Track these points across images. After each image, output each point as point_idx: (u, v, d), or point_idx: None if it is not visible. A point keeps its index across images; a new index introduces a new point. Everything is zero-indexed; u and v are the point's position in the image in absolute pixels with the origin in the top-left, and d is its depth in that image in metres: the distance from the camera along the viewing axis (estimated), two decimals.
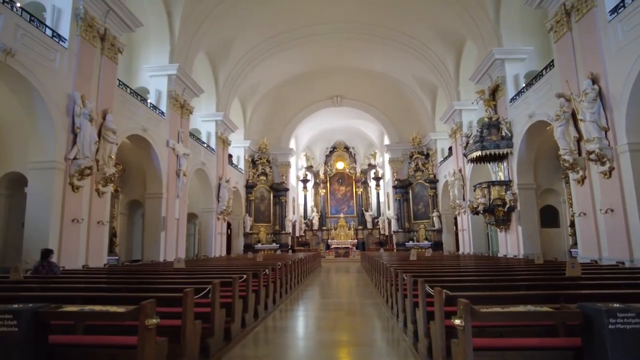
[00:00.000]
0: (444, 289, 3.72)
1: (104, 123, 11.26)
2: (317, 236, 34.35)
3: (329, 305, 8.96)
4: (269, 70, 24.53)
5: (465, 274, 6.36)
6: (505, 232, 15.35)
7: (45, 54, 9.51)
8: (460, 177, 20.43)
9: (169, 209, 15.47)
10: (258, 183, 28.04)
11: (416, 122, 27.61)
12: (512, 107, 14.75)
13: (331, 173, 36.32)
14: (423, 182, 27.26)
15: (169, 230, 15.37)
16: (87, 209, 10.72)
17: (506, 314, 2.62)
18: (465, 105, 20.62)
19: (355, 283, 13.68)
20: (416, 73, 24.37)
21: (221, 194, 20.84)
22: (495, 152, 14.79)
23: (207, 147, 20.45)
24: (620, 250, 8.97)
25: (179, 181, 16.25)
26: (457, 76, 20.89)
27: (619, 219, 8.99)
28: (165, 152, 15.64)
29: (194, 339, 3.89)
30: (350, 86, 27.90)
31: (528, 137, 13.81)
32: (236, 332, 5.33)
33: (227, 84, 21.87)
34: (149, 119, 14.43)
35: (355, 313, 7.89)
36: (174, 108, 16.38)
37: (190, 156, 17.64)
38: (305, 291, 11.19)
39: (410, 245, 26.83)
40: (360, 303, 9.12)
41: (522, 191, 14.37)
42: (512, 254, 14.67)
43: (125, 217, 16.11)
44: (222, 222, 21.37)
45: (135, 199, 15.95)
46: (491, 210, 14.90)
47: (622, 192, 8.92)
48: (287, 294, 9.60)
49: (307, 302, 9.21)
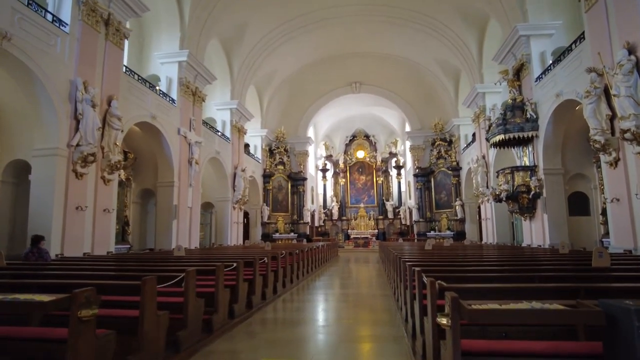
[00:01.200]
0: (441, 280, 3.17)
1: (109, 109, 11.07)
2: (336, 226, 33.88)
3: (335, 296, 8.49)
4: (284, 57, 24.02)
5: (475, 263, 5.73)
6: (530, 221, 14.44)
7: (45, 38, 9.31)
8: (484, 163, 19.46)
9: (181, 197, 15.32)
10: (276, 172, 27.74)
11: (438, 107, 26.57)
12: (537, 87, 13.73)
13: (351, 162, 35.62)
14: (445, 170, 26.27)
15: (181, 218, 15.24)
16: (93, 196, 10.59)
17: (501, 312, 2.06)
18: (488, 87, 19.56)
19: (369, 274, 13.16)
20: (438, 56, 23.32)
21: (237, 183, 20.61)
22: (519, 136, 13.85)
23: (222, 136, 20.22)
24: None
25: (191, 169, 16.07)
26: (480, 58, 19.80)
27: None
28: (177, 140, 15.45)
29: (156, 331, 3.49)
30: (369, 72, 27.06)
31: (555, 118, 12.81)
32: (220, 323, 4.94)
33: (241, 72, 21.51)
34: (158, 106, 14.22)
35: (361, 305, 7.40)
36: (185, 95, 16.14)
37: (203, 145, 17.43)
38: (314, 281, 10.77)
39: (431, 235, 26.00)
40: (369, 294, 8.62)
41: (548, 177, 13.42)
42: (537, 244, 13.79)
43: (138, 205, 16.08)
44: (238, 212, 21.19)
45: (147, 188, 15.88)
46: (515, 198, 14.01)
47: None
48: (292, 284, 9.19)
49: (312, 293, 8.77)
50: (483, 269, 4.59)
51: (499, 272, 4.41)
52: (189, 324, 4.06)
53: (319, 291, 9.02)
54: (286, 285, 8.58)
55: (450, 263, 5.81)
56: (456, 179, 25.53)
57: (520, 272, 4.29)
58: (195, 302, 4.24)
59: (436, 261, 5.92)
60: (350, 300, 7.83)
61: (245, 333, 5.12)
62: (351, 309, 7.05)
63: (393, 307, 6.83)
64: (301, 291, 8.95)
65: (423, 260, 6.04)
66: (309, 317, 6.30)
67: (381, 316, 6.31)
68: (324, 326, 5.60)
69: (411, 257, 6.97)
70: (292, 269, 9.38)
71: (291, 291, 8.73)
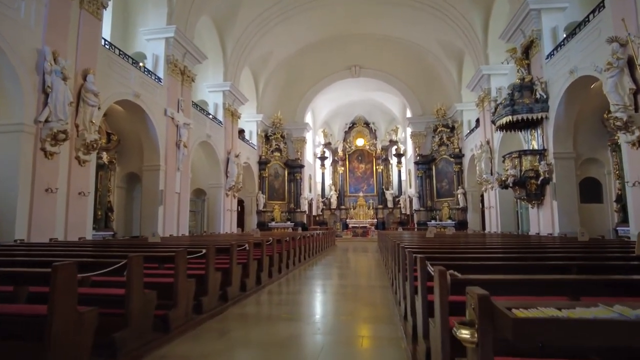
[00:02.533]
0: (452, 270, 2.32)
1: (84, 84, 10.16)
2: (335, 215, 33.10)
3: (327, 287, 7.68)
4: (281, 38, 22.98)
5: (488, 251, 4.88)
6: (538, 208, 13.60)
7: (6, 1, 8.38)
8: (488, 149, 18.57)
9: (167, 182, 14.47)
10: (272, 159, 26.83)
11: (441, 92, 25.55)
12: (548, 65, 12.79)
13: (350, 150, 34.71)
14: (447, 157, 25.36)
15: (168, 204, 14.41)
16: (66, 178, 9.74)
17: (579, 325, 1.17)
18: (494, 69, 18.60)
19: (367, 263, 12.37)
20: (440, 37, 22.27)
21: (230, 169, 19.75)
22: (528, 117, 12.95)
23: (214, 119, 19.29)
24: None
25: (179, 153, 15.20)
26: (485, 38, 18.78)
27: None
28: (163, 121, 14.56)
29: (73, 331, 2.66)
30: (369, 55, 25.99)
31: (567, 97, 11.89)
32: (181, 319, 4.12)
33: (235, 52, 20.51)
34: (142, 84, 13.30)
35: (354, 298, 6.59)
36: (172, 74, 15.20)
37: (193, 127, 16.54)
38: (306, 270, 9.96)
39: (432, 225, 25.23)
40: (366, 286, 7.81)
41: (558, 161, 12.54)
42: (545, 233, 12.96)
43: (123, 190, 15.24)
44: (231, 199, 20.36)
45: (133, 172, 15.03)
46: (522, 183, 13.16)
47: None
48: (280, 274, 8.38)
49: (302, 284, 7.97)
50: (500, 257, 3.74)
51: (521, 259, 3.56)
52: (133, 323, 3.22)
53: (310, 282, 8.22)
54: (273, 275, 7.76)
55: (458, 251, 4.97)
56: (458, 167, 24.63)
57: (548, 261, 3.45)
58: (144, 295, 3.41)
59: (441, 249, 5.07)
60: (343, 293, 7.01)
61: (212, 331, 4.31)
62: (345, 302, 6.24)
63: (391, 301, 6.02)
64: (291, 281, 8.14)
65: (426, 247, 5.19)
66: (293, 313, 5.49)
67: (378, 312, 5.49)
68: (308, 324, 4.79)
69: (412, 244, 6.14)
70: (281, 257, 8.56)
71: (279, 281, 7.93)
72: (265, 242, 7.45)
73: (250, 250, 6.29)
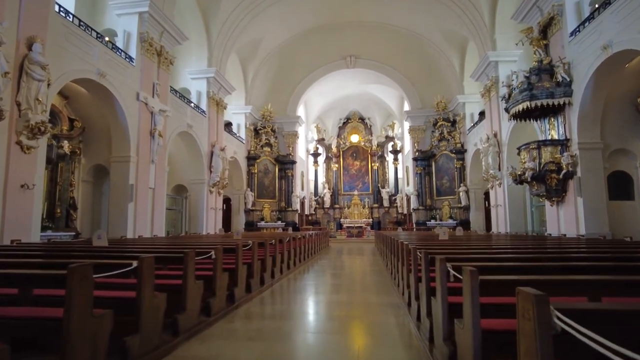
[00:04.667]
0: None
1: (28, 55, 8.42)
2: (328, 215, 31.54)
3: (320, 305, 6.06)
4: (271, 23, 21.33)
5: (514, 252, 3.38)
6: (558, 206, 12.11)
7: None
8: (496, 142, 17.08)
9: (139, 175, 12.75)
10: (261, 155, 25.11)
11: (441, 84, 24.04)
12: (572, 44, 11.28)
13: (344, 146, 33.18)
14: (448, 153, 23.85)
15: (140, 201, 12.69)
16: (3, 167, 8.01)
17: None
18: (502, 55, 17.13)
19: (366, 269, 10.77)
20: (442, 24, 20.78)
21: (214, 164, 18.03)
22: (547, 104, 11.44)
23: (196, 108, 17.56)
24: None
25: (153, 143, 13.48)
26: (492, 21, 17.28)
27: None
28: (135, 106, 12.83)
29: None
30: (365, 44, 24.42)
31: (596, 79, 10.39)
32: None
33: (221, 36, 18.79)
34: (109, 63, 11.56)
35: (358, 322, 4.98)
36: (147, 54, 13.46)
37: (171, 116, 14.84)
38: (296, 280, 8.33)
39: (432, 225, 23.74)
40: (367, 303, 6.19)
41: (583, 152, 11.04)
42: (567, 234, 11.47)
43: (89, 185, 13.47)
44: (216, 196, 18.63)
45: (101, 164, 13.27)
46: (542, 178, 11.64)
47: None
48: (262, 286, 6.72)
49: (290, 301, 6.34)
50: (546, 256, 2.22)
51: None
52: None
53: (298, 299, 6.58)
54: (252, 289, 6.09)
55: (495, 257, 3.46)
56: (460, 163, 23.12)
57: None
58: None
59: (472, 254, 3.63)
60: (344, 319, 5.38)
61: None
62: (344, 338, 4.61)
63: (408, 327, 4.41)
64: (276, 297, 6.50)
65: (448, 251, 3.71)
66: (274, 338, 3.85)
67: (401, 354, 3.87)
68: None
69: (429, 246, 4.58)
70: (265, 265, 6.90)
71: (261, 296, 6.28)
72: (242, 247, 5.79)
73: (219, 258, 4.63)
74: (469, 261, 3.20)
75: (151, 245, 6.84)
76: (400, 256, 6.05)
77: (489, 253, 4.52)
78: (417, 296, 4.24)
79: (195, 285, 4.05)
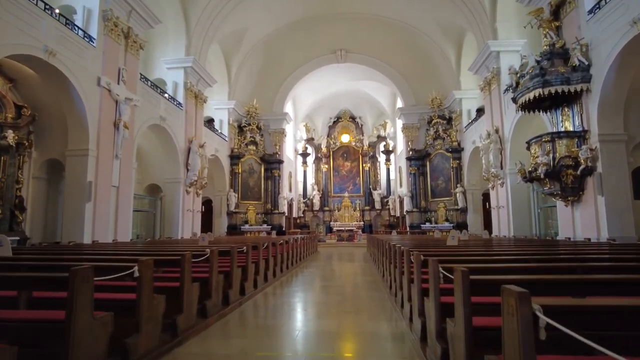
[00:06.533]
0: None
1: None
2: (318, 217, 30.09)
3: (297, 342, 4.57)
4: (256, 12, 19.87)
5: None
6: (573, 207, 10.80)
7: None
8: (497, 138, 15.76)
9: (100, 171, 11.14)
10: (246, 153, 23.51)
11: (436, 79, 22.78)
12: (591, 23, 10.00)
13: (335, 147, 31.83)
14: (444, 152, 22.55)
15: (100, 201, 11.07)
16: None
17: None
18: (504, 45, 15.87)
19: (355, 280, 9.30)
20: (438, 14, 19.53)
21: (191, 161, 16.42)
22: (563, 91, 10.13)
23: (171, 100, 15.96)
24: None
25: (118, 135, 11.88)
26: (493, 8, 16.01)
27: None
28: (96, 93, 11.25)
29: None
30: (357, 37, 23.05)
31: (621, 61, 9.10)
32: None
33: (201, 23, 17.23)
34: (61, 40, 9.96)
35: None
36: (111, 35, 11.89)
37: (141, 106, 13.29)
38: (275, 295, 6.82)
39: (427, 228, 22.40)
40: (363, 334, 4.72)
41: (605, 145, 9.74)
42: (583, 237, 10.17)
43: (42, 182, 11.78)
44: (193, 197, 17.01)
45: (56, 158, 11.60)
46: (556, 174, 10.32)
47: None
48: (225, 306, 5.19)
49: (259, 325, 4.84)
50: None
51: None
52: None
53: (269, 324, 5.08)
54: (208, 313, 4.55)
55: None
56: (457, 162, 21.83)
57: None
58: None
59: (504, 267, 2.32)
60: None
61: None
62: None
63: None
64: (235, 328, 5.00)
65: (473, 265, 2.42)
66: None
67: None
68: None
69: (440, 255, 3.16)
70: (230, 281, 5.37)
71: (226, 319, 4.77)
72: (202, 256, 4.27)
73: (144, 276, 3.11)
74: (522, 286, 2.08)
75: (91, 252, 5.31)
76: (407, 271, 4.59)
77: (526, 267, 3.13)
78: (441, 333, 2.80)
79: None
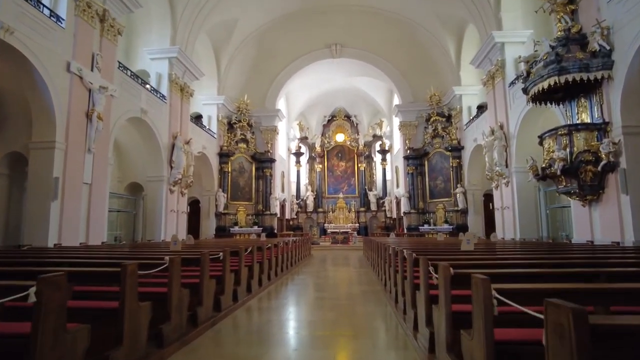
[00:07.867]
0: None
1: None
2: (311, 219, 29.05)
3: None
4: (247, 3, 18.82)
5: None
6: (591, 207, 9.85)
7: None
8: (502, 135, 14.82)
9: (68, 167, 9.98)
10: (236, 151, 22.39)
11: (435, 75, 21.84)
12: (613, 3, 9.07)
13: (329, 146, 30.84)
14: (443, 151, 21.61)
15: (68, 199, 9.91)
16: None
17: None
18: (509, 35, 14.98)
19: (351, 290, 8.25)
20: (437, 6, 18.63)
21: (175, 158, 15.28)
22: (581, 79, 9.18)
23: (154, 91, 14.81)
24: None
25: (91, 128, 10.74)
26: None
27: None
28: (65, 78, 10.10)
29: None
30: (352, 31, 22.07)
31: None
32: None
33: (188, 10, 16.15)
34: (20, 18, 8.82)
35: None
36: (84, 17, 10.76)
37: (120, 97, 12.17)
38: (261, 309, 5.75)
39: (425, 230, 21.44)
40: None
41: (630, 138, 8.79)
42: (601, 240, 9.22)
43: (3, 178, 10.63)
44: (178, 196, 15.87)
45: (18, 152, 10.45)
46: (574, 171, 9.35)
47: None
48: (195, 328, 4.12)
49: (238, 354, 3.77)
50: None
51: None
52: None
53: (247, 354, 4.01)
54: (164, 341, 3.48)
55: None
56: (456, 161, 20.89)
57: None
58: None
59: None
60: None
61: None
62: None
63: None
64: (209, 351, 3.93)
65: None
66: None
67: None
68: None
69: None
70: (198, 292, 4.29)
71: (187, 348, 3.70)
72: (157, 267, 3.19)
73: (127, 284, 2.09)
74: None
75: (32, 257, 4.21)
76: (424, 287, 3.54)
77: None
78: None
79: None
